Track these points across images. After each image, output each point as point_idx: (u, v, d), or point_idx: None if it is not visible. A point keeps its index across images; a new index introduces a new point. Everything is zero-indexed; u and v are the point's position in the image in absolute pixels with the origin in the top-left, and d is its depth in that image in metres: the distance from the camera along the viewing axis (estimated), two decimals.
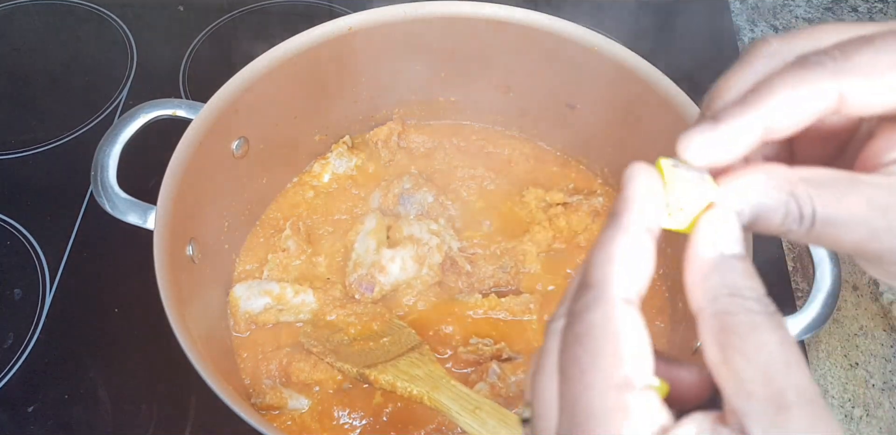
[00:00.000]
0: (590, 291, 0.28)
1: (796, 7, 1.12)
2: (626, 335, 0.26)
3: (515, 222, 0.81)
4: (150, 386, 0.75)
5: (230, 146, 0.71)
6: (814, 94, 0.28)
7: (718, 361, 0.26)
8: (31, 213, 0.87)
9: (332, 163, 0.84)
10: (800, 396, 0.25)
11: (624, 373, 0.26)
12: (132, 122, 0.67)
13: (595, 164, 0.86)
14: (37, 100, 0.99)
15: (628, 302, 0.27)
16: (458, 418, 0.61)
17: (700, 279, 0.28)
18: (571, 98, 0.80)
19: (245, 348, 0.73)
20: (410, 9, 0.73)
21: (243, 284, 0.74)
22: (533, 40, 0.73)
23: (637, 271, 0.27)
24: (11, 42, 1.05)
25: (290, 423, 0.69)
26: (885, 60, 0.28)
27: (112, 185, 0.65)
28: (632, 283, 0.27)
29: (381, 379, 0.65)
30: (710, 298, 0.27)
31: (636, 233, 0.28)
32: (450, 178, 0.85)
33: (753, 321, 0.26)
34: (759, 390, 0.25)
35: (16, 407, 0.73)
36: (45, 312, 0.79)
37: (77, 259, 0.83)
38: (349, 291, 0.75)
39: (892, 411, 0.77)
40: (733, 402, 0.25)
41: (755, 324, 0.26)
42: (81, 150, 0.91)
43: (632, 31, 1.00)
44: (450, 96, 0.86)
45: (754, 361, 0.25)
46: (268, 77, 0.70)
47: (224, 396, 0.54)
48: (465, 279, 0.76)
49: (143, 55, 1.02)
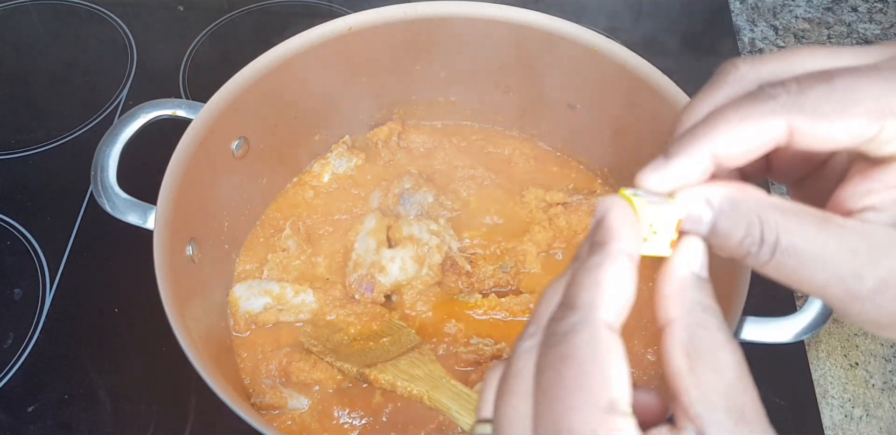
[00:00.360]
0: (576, 313, 0.28)
1: (796, 7, 1.12)
2: (612, 359, 0.27)
3: (515, 222, 0.81)
4: (150, 386, 0.75)
5: (230, 146, 0.71)
6: (761, 128, 0.29)
7: (684, 369, 0.27)
8: (31, 213, 0.87)
9: (332, 163, 0.84)
10: (754, 413, 0.27)
11: (610, 396, 0.26)
12: (132, 122, 0.67)
13: (595, 164, 0.86)
14: (37, 100, 0.99)
15: (612, 327, 0.28)
16: (458, 418, 0.61)
17: (676, 293, 0.29)
18: (571, 98, 0.80)
19: (245, 348, 0.73)
20: (410, 9, 0.73)
21: (243, 283, 0.74)
22: (533, 40, 0.73)
23: (622, 298, 0.28)
24: (11, 42, 1.05)
25: (290, 423, 0.69)
26: (836, 100, 0.28)
27: (112, 186, 0.65)
28: (616, 308, 0.28)
29: (381, 378, 0.65)
30: (686, 311, 0.29)
31: (622, 261, 0.29)
32: (450, 178, 0.85)
33: (721, 339, 0.28)
34: (724, 402, 0.27)
35: (16, 407, 0.73)
36: (45, 312, 0.79)
37: (77, 259, 0.83)
38: (349, 291, 0.75)
39: (892, 411, 0.77)
40: (697, 408, 0.27)
41: (723, 342, 0.28)
42: (81, 150, 0.91)
43: (632, 31, 1.00)
44: (450, 96, 0.86)
45: (721, 374, 0.27)
46: (268, 77, 0.70)
47: (224, 396, 0.54)
48: (465, 279, 0.76)
49: (143, 55, 1.02)
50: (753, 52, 1.06)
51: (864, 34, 1.09)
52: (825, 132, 0.28)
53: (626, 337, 0.28)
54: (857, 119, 0.28)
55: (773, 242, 0.28)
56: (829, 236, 0.28)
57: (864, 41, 1.08)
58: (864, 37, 1.08)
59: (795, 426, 0.74)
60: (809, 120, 0.28)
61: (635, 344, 0.72)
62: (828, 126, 0.28)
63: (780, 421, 0.27)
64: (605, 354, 0.27)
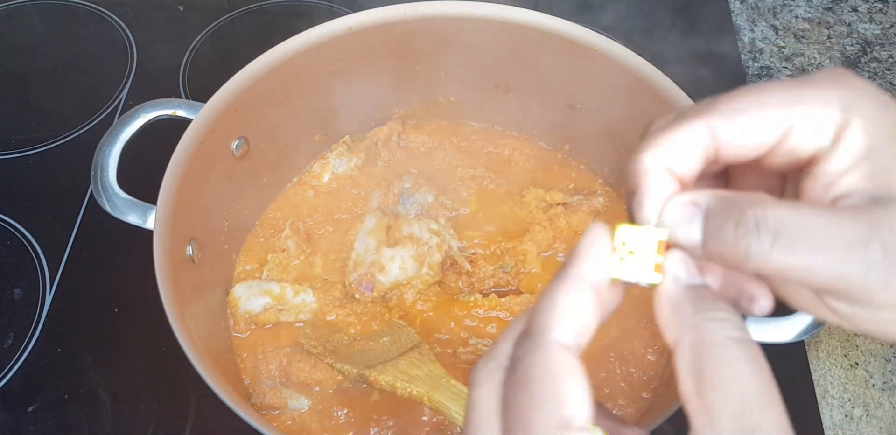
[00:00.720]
0: (531, 337, 0.28)
1: (796, 7, 1.12)
2: (563, 378, 0.27)
3: (515, 222, 0.81)
4: (150, 386, 0.75)
5: (230, 146, 0.71)
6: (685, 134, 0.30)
7: (692, 393, 0.26)
8: (31, 213, 0.87)
9: (332, 163, 0.84)
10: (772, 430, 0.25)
11: (562, 414, 0.26)
12: (132, 122, 0.67)
13: (595, 164, 0.86)
14: (37, 100, 0.99)
15: (566, 348, 0.28)
16: (458, 418, 0.61)
17: (671, 312, 0.29)
18: (571, 98, 0.80)
19: (245, 348, 0.73)
20: (410, 9, 0.73)
21: (243, 284, 0.74)
22: (533, 40, 0.73)
23: (577, 320, 0.28)
24: (11, 42, 1.05)
25: (290, 423, 0.69)
26: (747, 100, 0.29)
27: (112, 186, 0.65)
28: (571, 330, 0.28)
29: (381, 380, 0.65)
30: (687, 327, 0.28)
31: (577, 283, 0.29)
32: (450, 178, 0.85)
33: (729, 352, 0.26)
34: (730, 425, 0.25)
35: (16, 407, 0.73)
36: (45, 312, 0.79)
37: (77, 259, 0.83)
38: (349, 291, 0.75)
39: (892, 411, 0.77)
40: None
41: (731, 355, 0.26)
42: (81, 150, 0.91)
43: (632, 31, 1.00)
44: (450, 96, 0.86)
45: (727, 394, 0.25)
46: (268, 77, 0.70)
47: (224, 396, 0.54)
48: (465, 279, 0.76)
49: (143, 55, 1.02)
50: (753, 51, 1.06)
51: (864, 34, 1.09)
52: (740, 129, 0.29)
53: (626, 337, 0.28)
54: (768, 110, 0.29)
55: (772, 226, 0.27)
56: (823, 213, 0.27)
57: (864, 41, 1.08)
58: (864, 37, 1.08)
59: (795, 426, 0.73)
60: (725, 119, 0.29)
61: (635, 344, 0.72)
62: (743, 121, 0.29)
63: None
64: (557, 375, 0.27)
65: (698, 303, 0.28)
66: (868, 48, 1.07)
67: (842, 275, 0.26)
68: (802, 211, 0.27)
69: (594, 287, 0.29)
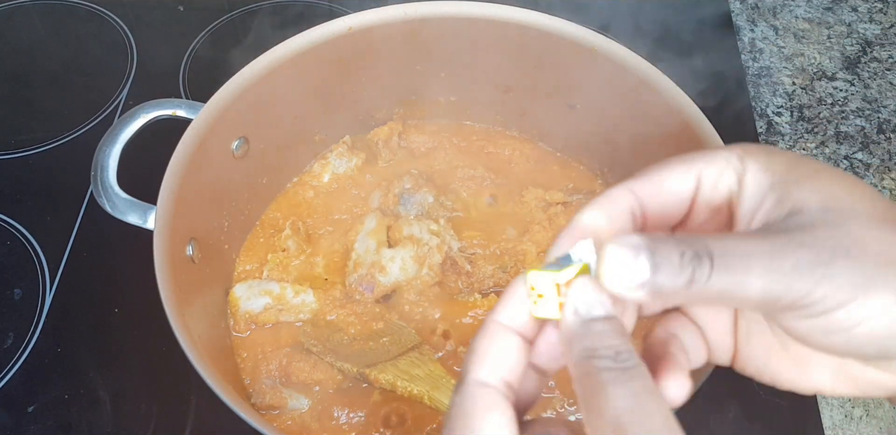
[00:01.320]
0: (458, 381, 0.32)
1: (796, 7, 1.12)
2: (480, 415, 0.30)
3: (515, 222, 0.81)
4: (150, 386, 0.75)
5: (230, 146, 0.71)
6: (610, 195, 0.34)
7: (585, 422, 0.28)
8: (31, 213, 0.87)
9: (332, 163, 0.84)
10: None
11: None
12: (132, 122, 0.67)
13: (595, 164, 0.86)
14: (37, 100, 0.99)
15: (485, 386, 0.31)
16: None
17: (566, 348, 0.30)
18: (571, 98, 0.80)
19: (245, 348, 0.73)
20: (410, 9, 0.73)
21: (243, 283, 0.74)
22: (533, 40, 0.73)
23: (498, 359, 0.31)
24: (11, 42, 1.05)
25: (290, 423, 0.69)
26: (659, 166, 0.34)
27: (112, 185, 0.65)
28: (492, 370, 0.31)
29: (381, 379, 0.65)
30: (573, 364, 0.30)
31: (491, 327, 0.32)
32: (450, 178, 0.85)
33: (605, 378, 0.28)
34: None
35: (16, 407, 0.73)
36: (45, 312, 0.79)
37: (77, 259, 0.83)
38: (349, 291, 0.75)
39: (892, 411, 0.77)
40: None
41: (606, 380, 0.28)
42: (81, 150, 0.91)
43: (631, 31, 1.00)
44: (450, 96, 0.86)
45: (604, 416, 0.27)
46: (268, 77, 0.70)
47: (224, 396, 0.54)
48: (465, 279, 0.76)
49: (143, 55, 1.02)
50: (753, 51, 1.06)
51: (864, 34, 1.09)
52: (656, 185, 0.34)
53: None
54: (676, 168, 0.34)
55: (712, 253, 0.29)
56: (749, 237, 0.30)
57: (864, 41, 1.08)
58: (864, 37, 1.08)
59: (795, 426, 0.74)
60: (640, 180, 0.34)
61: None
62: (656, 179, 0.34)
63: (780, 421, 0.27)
64: (475, 412, 0.30)
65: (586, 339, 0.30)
66: (868, 48, 1.07)
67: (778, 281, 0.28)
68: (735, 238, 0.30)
69: (511, 329, 0.32)
